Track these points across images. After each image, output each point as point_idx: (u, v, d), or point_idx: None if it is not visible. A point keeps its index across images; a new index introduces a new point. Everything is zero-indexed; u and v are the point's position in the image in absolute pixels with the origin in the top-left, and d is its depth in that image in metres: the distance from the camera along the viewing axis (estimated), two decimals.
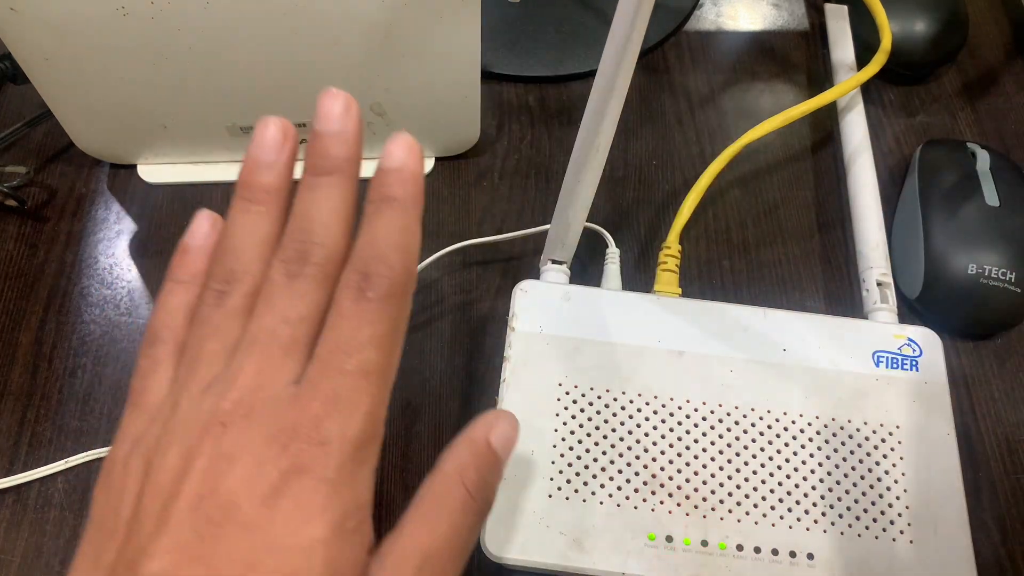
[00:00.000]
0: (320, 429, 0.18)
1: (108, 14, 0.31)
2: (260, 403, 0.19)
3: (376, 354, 0.19)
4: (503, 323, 0.33)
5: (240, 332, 0.20)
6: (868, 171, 0.39)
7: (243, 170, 0.22)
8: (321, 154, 0.21)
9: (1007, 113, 0.44)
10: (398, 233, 0.20)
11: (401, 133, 0.21)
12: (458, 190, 0.41)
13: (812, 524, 0.29)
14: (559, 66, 0.44)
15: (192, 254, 0.22)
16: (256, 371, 0.19)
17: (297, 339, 0.19)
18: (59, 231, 0.39)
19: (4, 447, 0.33)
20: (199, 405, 0.19)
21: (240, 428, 0.18)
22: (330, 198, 0.21)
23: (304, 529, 0.18)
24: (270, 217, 0.21)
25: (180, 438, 0.19)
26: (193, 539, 0.17)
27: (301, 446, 0.18)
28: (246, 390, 0.19)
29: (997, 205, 0.37)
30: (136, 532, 0.18)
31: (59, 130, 0.38)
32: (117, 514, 0.19)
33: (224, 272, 0.21)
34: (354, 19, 0.32)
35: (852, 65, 0.43)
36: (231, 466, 0.18)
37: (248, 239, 0.21)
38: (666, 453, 0.30)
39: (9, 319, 0.36)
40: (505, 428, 0.22)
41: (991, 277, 0.35)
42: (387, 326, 0.20)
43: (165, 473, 0.18)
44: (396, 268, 0.20)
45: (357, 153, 0.21)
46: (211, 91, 0.35)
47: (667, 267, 0.36)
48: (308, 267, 0.20)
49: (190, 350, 0.21)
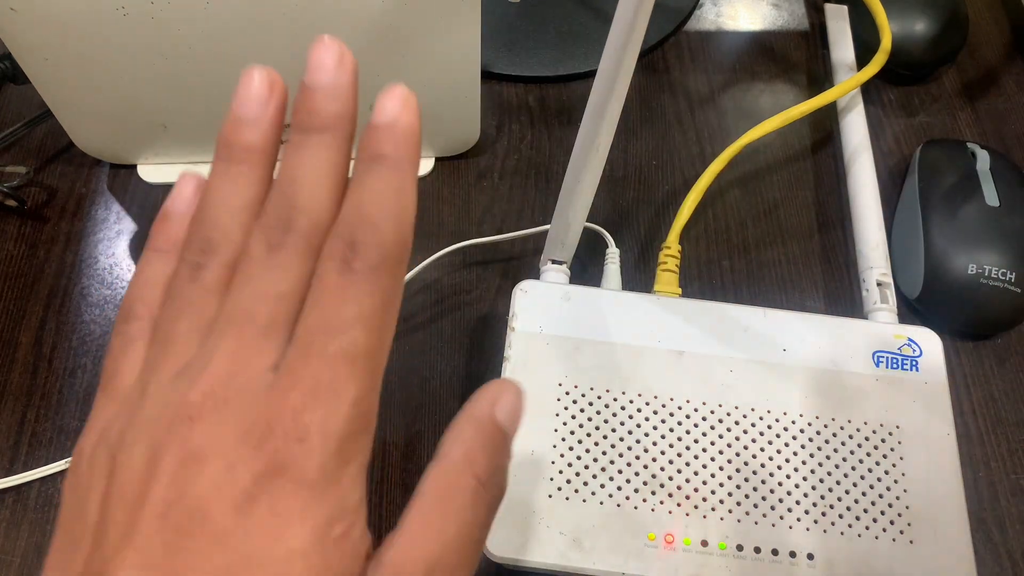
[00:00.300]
0: (298, 423, 0.16)
1: (108, 14, 0.31)
2: (233, 394, 0.17)
3: (363, 334, 0.17)
4: (503, 323, 0.33)
5: (216, 309, 0.18)
6: (868, 171, 0.39)
7: (224, 127, 0.19)
8: (310, 110, 0.18)
9: (1007, 113, 0.44)
10: (390, 196, 0.18)
11: (395, 84, 0.18)
12: (458, 190, 0.41)
13: (812, 524, 0.29)
14: (559, 66, 0.44)
15: (173, 220, 0.20)
16: (230, 356, 0.17)
17: (276, 319, 0.17)
18: (59, 231, 0.39)
19: (4, 447, 0.33)
20: (168, 395, 0.17)
21: (210, 423, 0.16)
22: (318, 159, 0.18)
23: (282, 539, 0.16)
24: (252, 179, 0.19)
25: (146, 433, 0.17)
26: (161, 551, 0.16)
27: (277, 444, 0.16)
28: (218, 378, 0.17)
29: (997, 205, 0.37)
30: (102, 542, 0.16)
31: (59, 130, 0.38)
32: (83, 518, 0.17)
33: (200, 242, 0.18)
34: (354, 19, 0.32)
35: (852, 65, 0.43)
36: (200, 468, 0.16)
37: (227, 205, 0.19)
38: (666, 453, 0.30)
39: (9, 319, 0.36)
40: (511, 400, 0.19)
41: (991, 277, 0.35)
42: (376, 301, 0.17)
43: (130, 473, 0.17)
44: (387, 235, 0.17)
45: (351, 109, 0.19)
46: (211, 91, 0.35)
47: (667, 267, 0.36)
48: (291, 236, 0.18)
49: (162, 328, 0.18)
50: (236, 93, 0.19)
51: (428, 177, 0.41)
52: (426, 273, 0.38)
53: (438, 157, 0.41)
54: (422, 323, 0.37)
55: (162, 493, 0.16)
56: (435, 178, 0.41)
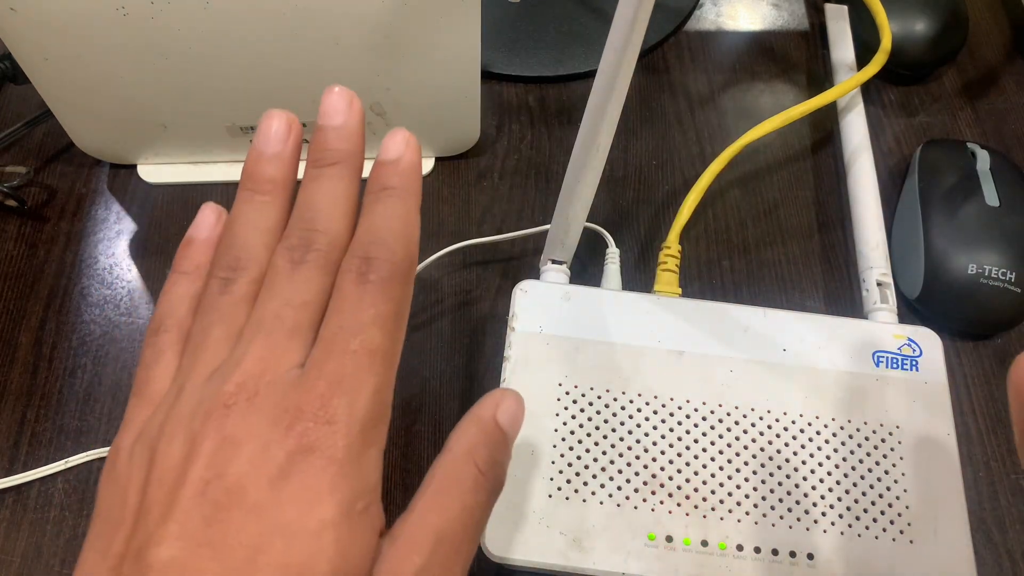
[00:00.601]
0: (326, 408, 0.18)
1: (108, 14, 0.31)
2: (265, 386, 0.18)
3: (380, 334, 0.19)
4: (503, 323, 0.33)
5: (245, 318, 0.20)
6: (868, 171, 0.39)
7: (248, 162, 0.22)
8: (324, 147, 0.21)
9: (1007, 113, 0.44)
10: (397, 220, 0.20)
11: (398, 128, 0.21)
12: (458, 190, 0.41)
13: (812, 524, 0.29)
14: (559, 66, 0.44)
15: (196, 246, 0.23)
16: (261, 355, 0.19)
17: (301, 323, 0.19)
18: (59, 231, 0.39)
19: (4, 447, 0.33)
20: (203, 391, 0.19)
21: (245, 411, 0.18)
22: (333, 188, 0.21)
23: (313, 511, 0.17)
24: (274, 207, 0.21)
25: (185, 424, 0.19)
26: (200, 524, 0.17)
27: (307, 425, 0.18)
28: (250, 374, 0.19)
29: (997, 205, 0.37)
30: (143, 520, 0.18)
31: (59, 130, 0.38)
32: (124, 504, 0.18)
33: (229, 260, 0.21)
34: (354, 19, 0.32)
35: (852, 65, 0.43)
36: (237, 449, 0.18)
37: (253, 228, 0.21)
38: (666, 453, 0.30)
39: (9, 319, 0.36)
40: (512, 405, 0.22)
41: (991, 277, 0.35)
42: (390, 307, 0.20)
43: (170, 459, 0.18)
44: (397, 252, 0.20)
45: (359, 147, 0.22)
46: (211, 91, 0.35)
47: (667, 267, 0.36)
48: (311, 253, 0.20)
49: (195, 337, 0.20)
50: (258, 132, 0.22)
51: (428, 177, 0.41)
52: (426, 273, 0.38)
53: (438, 157, 0.41)
54: (422, 323, 0.37)
55: (201, 473, 0.18)
56: (435, 178, 0.41)
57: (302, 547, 0.17)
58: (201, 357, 0.20)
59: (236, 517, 0.17)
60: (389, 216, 0.20)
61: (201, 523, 0.17)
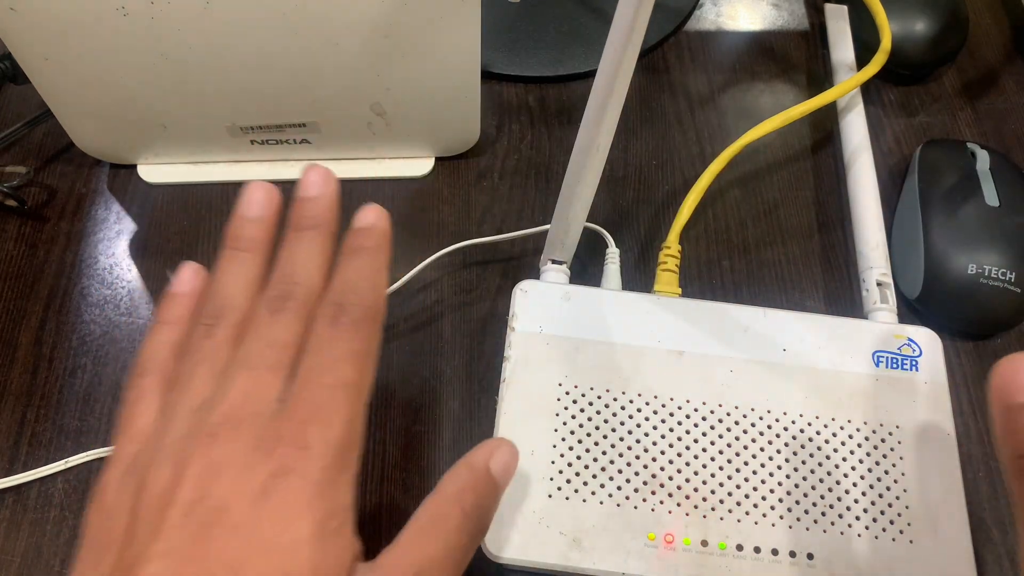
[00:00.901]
0: (304, 435, 0.20)
1: (108, 14, 0.31)
2: (248, 416, 0.20)
3: (351, 370, 0.21)
4: (503, 323, 0.33)
5: (227, 359, 0.22)
6: (868, 171, 0.39)
7: (231, 225, 0.24)
8: (304, 214, 0.24)
9: (1007, 113, 0.44)
10: (368, 272, 0.23)
11: (371, 204, 0.24)
12: (458, 190, 0.41)
13: (812, 524, 0.29)
14: (559, 66, 0.44)
15: (178, 298, 0.25)
16: (245, 389, 0.21)
17: (282, 361, 0.21)
18: (59, 231, 0.39)
19: (4, 447, 0.33)
20: (191, 421, 0.20)
21: (229, 438, 0.20)
22: (311, 248, 0.23)
23: (290, 528, 0.19)
24: (255, 263, 0.24)
25: (173, 452, 0.20)
26: (187, 542, 0.18)
27: (286, 450, 0.19)
28: (235, 405, 0.20)
29: (997, 205, 0.37)
30: (132, 541, 0.19)
31: (59, 130, 0.38)
32: (112, 529, 0.19)
33: (213, 309, 0.23)
34: (354, 19, 0.32)
35: (852, 65, 0.43)
36: (221, 472, 0.19)
37: (235, 281, 0.23)
38: (666, 453, 0.30)
39: (9, 319, 0.36)
40: (505, 456, 0.23)
41: (991, 277, 0.35)
42: (360, 346, 0.22)
43: (159, 484, 0.19)
44: (367, 298, 0.22)
45: (334, 215, 0.24)
46: (211, 91, 0.35)
47: (667, 267, 0.36)
48: (290, 302, 0.22)
49: (181, 377, 0.22)
50: (240, 199, 0.25)
51: (428, 177, 0.41)
52: (426, 273, 0.37)
53: (438, 157, 0.41)
54: (422, 323, 0.37)
55: (187, 495, 0.19)
56: (435, 178, 0.41)
57: (279, 563, 0.18)
58: (187, 392, 0.21)
59: (220, 535, 0.18)
60: (360, 269, 0.23)
61: (188, 541, 0.18)
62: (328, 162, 0.40)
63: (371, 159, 0.41)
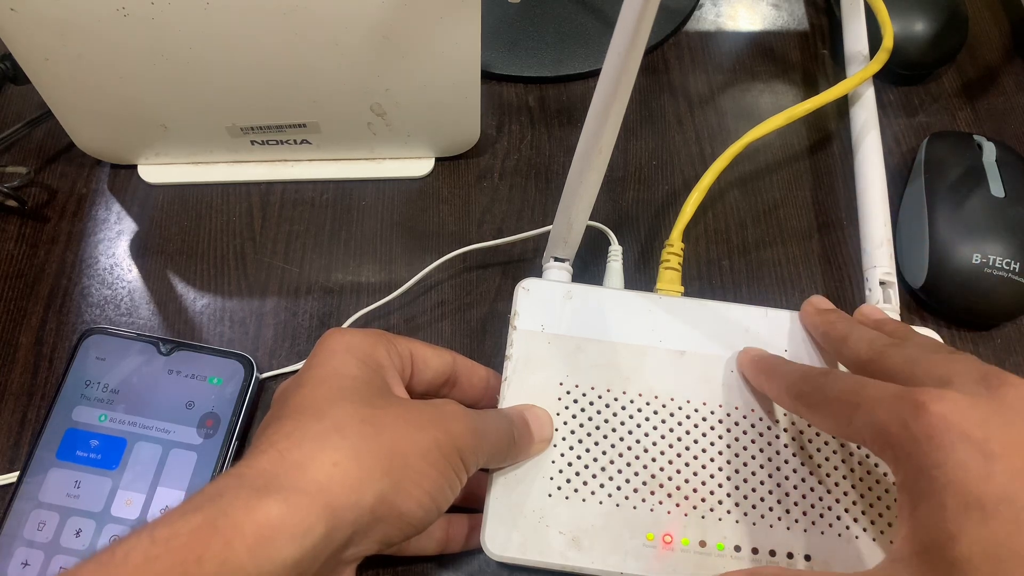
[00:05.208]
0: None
1: (108, 14, 0.31)
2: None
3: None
4: (504, 322, 0.33)
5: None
6: (877, 168, 0.38)
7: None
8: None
9: (1007, 113, 0.44)
10: None
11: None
12: (458, 190, 0.41)
13: (810, 525, 0.29)
14: (559, 66, 0.44)
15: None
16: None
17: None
18: (59, 231, 0.39)
19: (4, 447, 0.33)
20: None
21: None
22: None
23: None
24: None
25: None
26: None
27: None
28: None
29: (1003, 196, 0.37)
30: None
31: (59, 130, 0.38)
32: None
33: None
34: (354, 19, 0.32)
35: (866, 56, 0.43)
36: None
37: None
38: (666, 453, 0.30)
39: (9, 319, 0.37)
40: (546, 424, 0.30)
41: (995, 267, 0.35)
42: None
43: None
44: None
45: None
46: (211, 91, 0.35)
47: (670, 265, 0.36)
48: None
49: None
50: None
51: (428, 177, 0.41)
52: (427, 275, 0.37)
53: (438, 157, 0.41)
54: (423, 324, 0.37)
55: None
56: (435, 178, 0.41)
57: None
58: None
59: None
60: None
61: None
62: (328, 162, 0.41)
63: (371, 159, 0.41)
